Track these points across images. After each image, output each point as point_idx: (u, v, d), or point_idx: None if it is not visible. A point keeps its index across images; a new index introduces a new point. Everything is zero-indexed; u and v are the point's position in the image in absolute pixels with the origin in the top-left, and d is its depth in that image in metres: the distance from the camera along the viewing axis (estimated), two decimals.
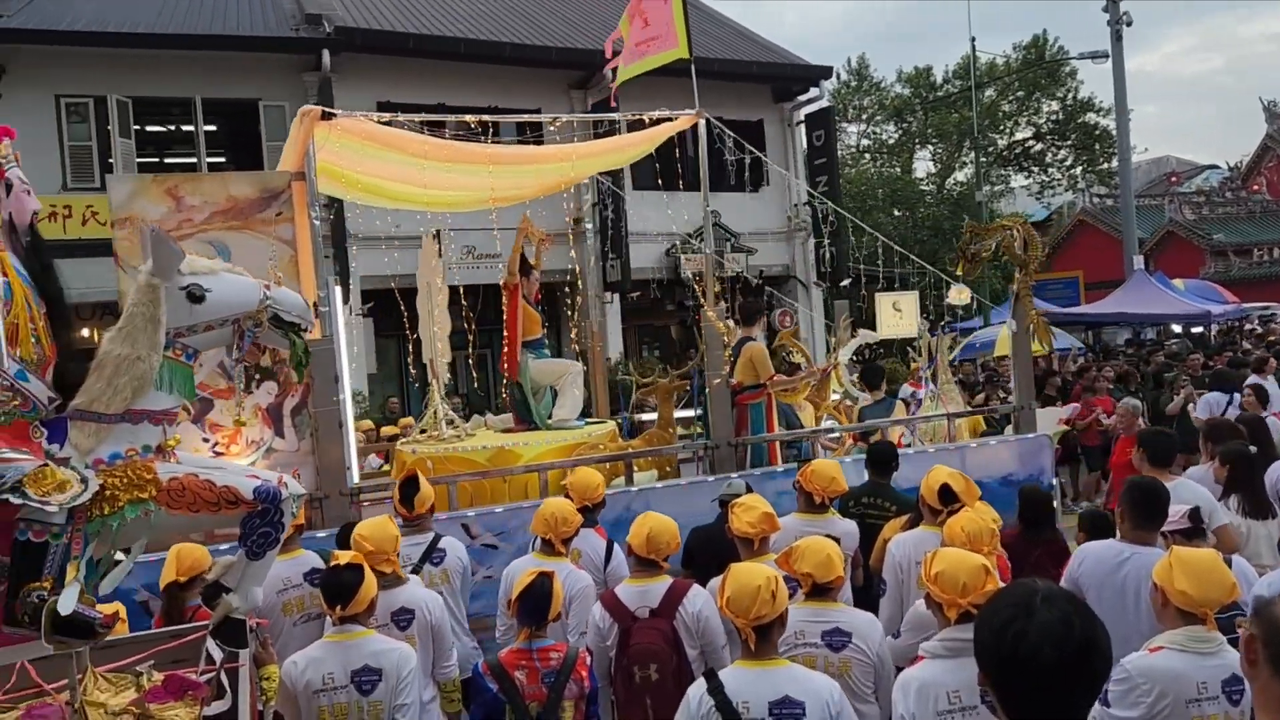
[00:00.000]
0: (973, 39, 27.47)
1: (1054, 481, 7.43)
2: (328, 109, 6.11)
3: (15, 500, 2.46)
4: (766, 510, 4.41)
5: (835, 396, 10.50)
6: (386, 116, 6.70)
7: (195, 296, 2.88)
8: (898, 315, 11.83)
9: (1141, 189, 35.29)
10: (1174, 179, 37.02)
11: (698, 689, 3.11)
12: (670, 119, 7.84)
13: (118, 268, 5.40)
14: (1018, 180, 39.52)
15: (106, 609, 2.81)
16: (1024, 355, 8.22)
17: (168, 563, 4.25)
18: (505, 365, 7.75)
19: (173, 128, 17.44)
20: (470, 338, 8.52)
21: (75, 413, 2.74)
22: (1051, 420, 9.20)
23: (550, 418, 7.77)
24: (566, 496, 5.10)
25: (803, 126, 20.82)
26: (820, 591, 3.64)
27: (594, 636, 4.25)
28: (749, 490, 5.18)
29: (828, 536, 3.91)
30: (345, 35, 16.07)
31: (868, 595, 5.02)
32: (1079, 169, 37.46)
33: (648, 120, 7.88)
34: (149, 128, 16.83)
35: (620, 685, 4.13)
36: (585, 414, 8.54)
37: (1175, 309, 22.68)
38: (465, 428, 7.97)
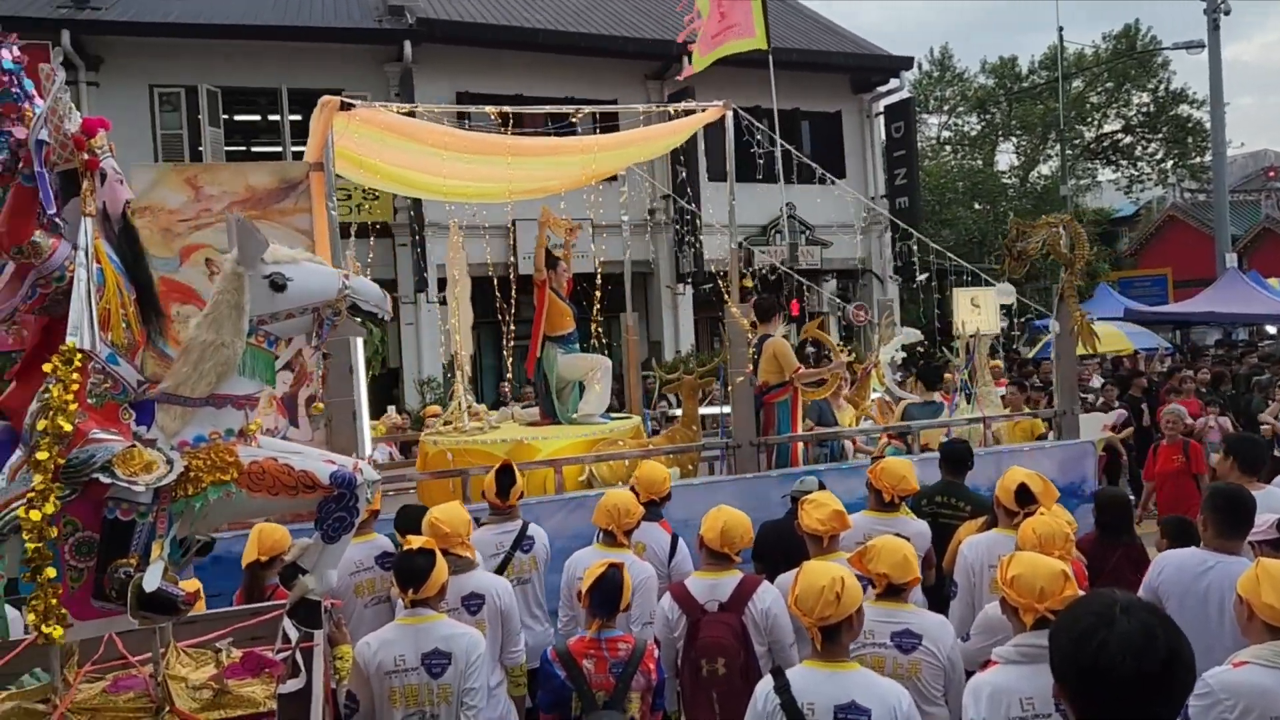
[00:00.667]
0: (1060, 28, 26.63)
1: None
2: (346, 99, 6.10)
3: (105, 479, 2.55)
4: (837, 508, 4.36)
5: (876, 395, 10.27)
6: (405, 107, 6.68)
7: (277, 285, 2.95)
8: (976, 311, 11.53)
9: (1236, 184, 33.95)
10: (1271, 173, 35.52)
11: (764, 686, 3.09)
12: (695, 111, 7.60)
13: None
14: (1105, 174, 38.32)
15: (188, 586, 2.90)
16: (1068, 359, 7.94)
17: (250, 543, 4.38)
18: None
19: (259, 117, 17.90)
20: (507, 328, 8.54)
21: (162, 396, 2.84)
22: (1096, 426, 8.80)
23: (576, 412, 7.75)
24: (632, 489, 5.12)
25: (881, 118, 20.53)
26: (893, 592, 3.59)
27: (662, 628, 4.26)
28: (821, 487, 5.14)
29: (898, 536, 3.86)
30: (426, 26, 16.32)
31: (939, 596, 4.94)
32: (1170, 163, 36.17)
33: (673, 112, 7.65)
34: (237, 117, 17.29)
35: (687, 677, 4.14)
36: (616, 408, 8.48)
37: (1270, 309, 21.82)
38: (489, 420, 7.99)
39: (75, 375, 2.55)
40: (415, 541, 3.88)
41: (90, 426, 2.60)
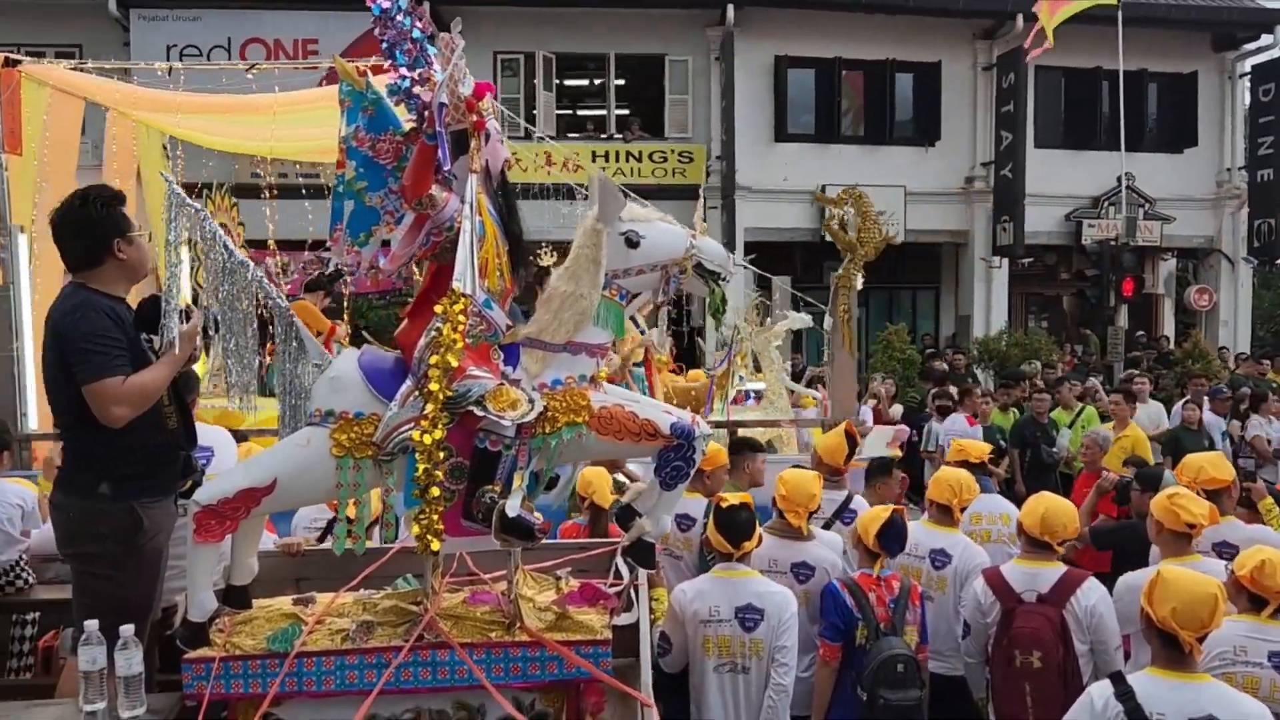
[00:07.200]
0: None
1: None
2: (11, 56, 6.25)
3: (478, 412, 2.82)
4: (1209, 504, 4.09)
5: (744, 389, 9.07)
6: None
7: (631, 242, 3.10)
8: None
9: None
10: None
11: (1103, 691, 2.93)
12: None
13: None
14: None
15: (538, 517, 3.14)
16: (842, 364, 6.62)
17: (598, 485, 4.64)
18: None
19: (587, 82, 18.79)
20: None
21: (526, 340, 3.09)
22: (879, 443, 7.14)
23: None
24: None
25: (1247, 79, 18.28)
26: (1258, 604, 3.31)
27: (973, 612, 4.15)
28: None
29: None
30: None
31: None
32: None
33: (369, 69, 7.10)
34: (567, 81, 18.25)
35: (998, 666, 4.03)
36: None
37: None
38: None
39: (460, 317, 2.82)
40: (731, 497, 3.98)
41: (468, 364, 2.87)
